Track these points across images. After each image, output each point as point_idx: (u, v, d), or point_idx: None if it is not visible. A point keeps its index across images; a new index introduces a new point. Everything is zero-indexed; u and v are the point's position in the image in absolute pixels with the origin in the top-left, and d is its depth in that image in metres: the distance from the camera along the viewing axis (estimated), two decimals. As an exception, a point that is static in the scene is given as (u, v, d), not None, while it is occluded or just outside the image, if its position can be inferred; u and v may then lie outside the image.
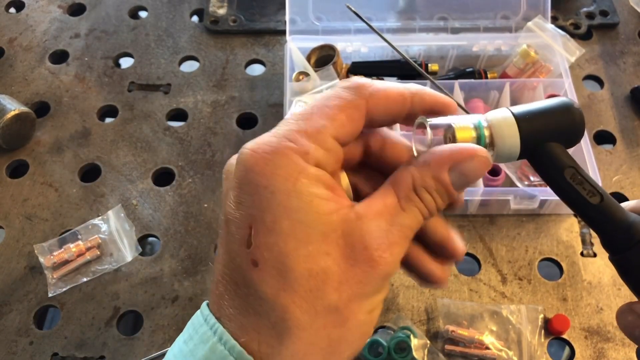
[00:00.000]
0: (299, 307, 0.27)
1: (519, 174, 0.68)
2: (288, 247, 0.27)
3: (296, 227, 0.27)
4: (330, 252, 0.28)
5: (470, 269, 0.67)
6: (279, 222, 0.27)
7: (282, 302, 0.27)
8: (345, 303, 0.28)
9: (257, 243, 0.28)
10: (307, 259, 0.27)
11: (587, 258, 0.67)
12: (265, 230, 0.28)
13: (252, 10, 0.89)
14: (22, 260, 0.68)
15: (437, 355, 0.60)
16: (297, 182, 0.28)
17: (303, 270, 0.27)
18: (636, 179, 0.73)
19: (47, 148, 0.77)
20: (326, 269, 0.28)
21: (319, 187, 0.28)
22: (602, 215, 0.32)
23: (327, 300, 0.28)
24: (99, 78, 0.84)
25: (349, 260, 0.28)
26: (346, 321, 0.28)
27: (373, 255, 0.28)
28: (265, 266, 0.28)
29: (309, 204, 0.28)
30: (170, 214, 0.71)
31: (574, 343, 0.61)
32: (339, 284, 0.28)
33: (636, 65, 0.82)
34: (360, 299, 0.29)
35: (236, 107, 0.80)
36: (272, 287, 0.28)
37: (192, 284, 0.66)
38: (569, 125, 0.32)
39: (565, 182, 0.32)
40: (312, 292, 0.28)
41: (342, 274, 0.28)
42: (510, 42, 0.77)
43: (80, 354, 0.62)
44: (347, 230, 0.28)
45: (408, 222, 0.29)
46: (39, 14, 0.91)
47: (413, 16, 0.80)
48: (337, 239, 0.28)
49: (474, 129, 0.31)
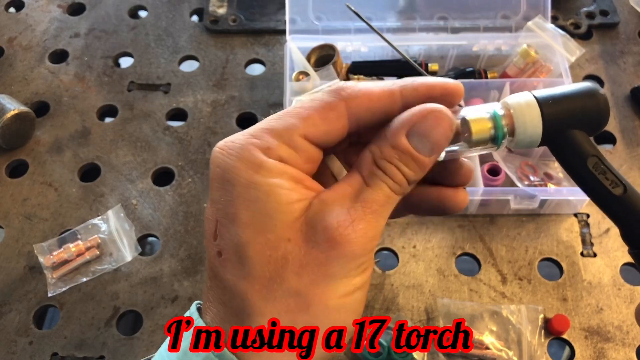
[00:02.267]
0: (258, 293, 0.28)
1: (519, 173, 0.68)
2: (247, 236, 0.28)
3: (255, 217, 0.28)
4: (291, 238, 0.28)
5: (470, 269, 0.67)
6: (239, 213, 0.28)
7: (242, 289, 0.28)
8: (307, 287, 0.28)
9: (221, 234, 0.29)
10: (265, 247, 0.28)
11: (587, 258, 0.67)
12: (227, 222, 0.28)
13: (252, 9, 0.89)
14: (21, 260, 0.68)
15: (437, 356, 0.60)
16: (256, 174, 0.28)
17: (261, 258, 0.28)
18: (636, 179, 0.73)
19: (46, 148, 0.77)
20: (286, 255, 0.28)
21: (279, 179, 0.28)
22: (625, 207, 0.30)
23: (286, 285, 0.28)
24: (99, 78, 0.84)
25: (309, 243, 0.28)
26: (310, 306, 0.28)
27: (333, 234, 0.27)
28: (227, 256, 0.28)
29: (268, 194, 0.28)
30: (170, 213, 0.71)
31: (574, 343, 0.61)
32: (299, 267, 0.28)
33: (636, 65, 0.82)
34: (326, 282, 0.28)
35: (236, 107, 0.80)
36: (233, 275, 0.28)
37: (191, 284, 0.66)
38: (593, 111, 0.30)
39: (588, 172, 0.30)
40: (272, 279, 0.28)
41: (303, 258, 0.28)
42: (510, 41, 0.77)
43: (79, 354, 0.62)
44: (309, 216, 0.28)
45: (373, 196, 0.29)
46: (38, 13, 0.91)
47: (413, 16, 0.80)
48: (300, 225, 0.28)
49: (489, 119, 0.30)
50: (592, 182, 0.30)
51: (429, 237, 0.69)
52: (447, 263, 0.67)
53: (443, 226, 0.69)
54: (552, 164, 0.72)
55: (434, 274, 0.66)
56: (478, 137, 0.30)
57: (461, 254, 0.68)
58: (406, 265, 0.67)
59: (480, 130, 0.30)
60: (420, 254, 0.67)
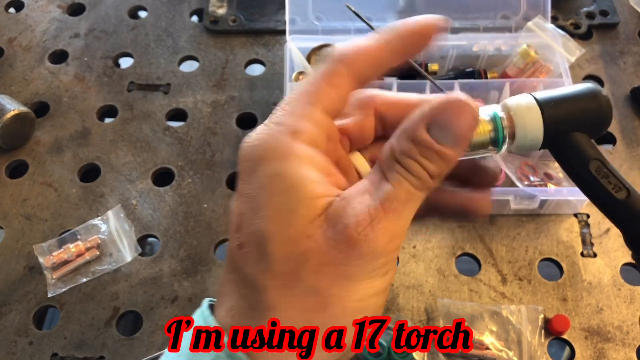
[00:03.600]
0: (276, 289, 0.27)
1: (519, 174, 0.68)
2: (269, 230, 0.27)
3: (278, 210, 0.27)
4: (312, 235, 0.27)
5: (470, 269, 0.67)
6: (263, 206, 0.27)
7: (261, 283, 0.27)
8: (326, 286, 0.27)
9: (243, 227, 0.28)
10: (287, 242, 0.27)
11: (587, 258, 0.67)
12: (251, 215, 0.28)
13: (252, 10, 0.89)
14: (21, 261, 0.68)
15: (437, 356, 0.60)
16: (284, 162, 0.27)
17: (282, 253, 0.27)
18: (636, 179, 0.72)
19: (46, 148, 0.77)
20: (306, 252, 0.27)
21: (309, 169, 0.28)
22: (628, 211, 0.29)
23: (305, 283, 0.27)
24: (99, 78, 0.84)
25: (329, 241, 0.27)
26: (327, 306, 0.27)
27: (352, 233, 0.26)
28: (249, 248, 0.28)
29: (295, 187, 0.27)
30: (170, 214, 0.71)
31: (574, 343, 0.61)
32: (318, 266, 0.27)
33: (636, 65, 0.82)
34: (345, 282, 0.27)
35: (236, 107, 0.80)
36: (253, 268, 0.28)
37: (191, 284, 0.66)
38: (595, 113, 0.30)
39: (590, 175, 0.29)
40: (291, 275, 0.27)
41: (322, 256, 0.27)
42: (510, 42, 0.77)
43: (79, 354, 0.62)
44: (330, 213, 0.27)
45: (394, 193, 0.27)
46: (38, 13, 0.91)
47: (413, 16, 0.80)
48: (320, 222, 0.27)
49: (489, 121, 0.30)
50: (594, 186, 0.30)
51: (429, 237, 0.69)
52: (447, 263, 0.67)
53: (443, 226, 0.69)
54: (552, 164, 0.72)
55: (434, 274, 0.66)
56: (477, 140, 0.30)
57: (461, 254, 0.68)
58: (406, 265, 0.67)
59: (479, 133, 0.29)
60: (420, 254, 0.67)
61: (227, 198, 0.72)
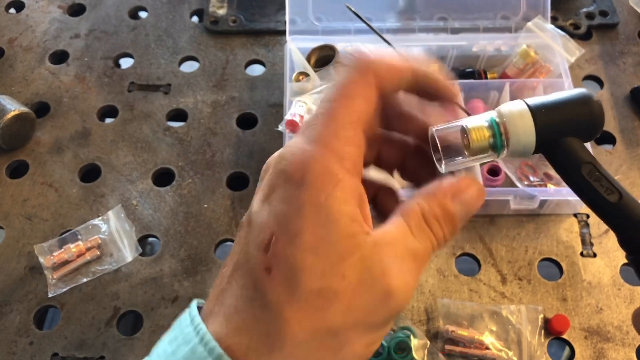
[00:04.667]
0: (300, 323, 0.27)
1: (519, 174, 0.69)
2: (305, 262, 0.27)
3: (317, 243, 0.27)
4: (345, 275, 0.27)
5: (470, 269, 0.67)
6: (302, 235, 0.27)
7: (285, 314, 0.27)
8: (347, 330, 0.27)
9: (275, 251, 0.27)
10: (320, 278, 0.27)
11: (587, 258, 0.67)
12: (286, 240, 0.27)
13: (252, 10, 0.89)
14: (22, 261, 0.68)
15: (437, 356, 0.60)
16: (330, 197, 0.27)
17: (313, 288, 0.27)
18: (636, 179, 0.73)
19: (47, 148, 0.77)
20: (337, 291, 0.27)
21: (349, 204, 0.28)
22: (620, 213, 0.30)
23: (329, 323, 0.27)
24: (99, 78, 0.84)
25: (364, 286, 0.27)
26: (342, 348, 0.27)
27: (390, 284, 0.27)
28: (278, 275, 0.27)
29: (336, 223, 0.27)
30: (170, 214, 0.71)
31: (574, 343, 0.61)
32: (347, 309, 0.27)
33: (636, 66, 0.82)
34: (364, 329, 0.28)
35: (236, 107, 0.80)
36: (279, 296, 0.27)
37: (192, 284, 0.66)
38: (587, 118, 0.30)
39: (583, 179, 0.30)
40: (317, 312, 0.27)
41: (353, 300, 0.27)
42: (510, 42, 0.77)
43: (80, 354, 0.62)
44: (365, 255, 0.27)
45: (421, 252, 0.29)
46: (39, 14, 0.91)
47: (413, 16, 0.80)
48: (354, 262, 0.27)
49: (487, 127, 0.30)
50: (587, 189, 0.30)
51: (429, 238, 0.69)
52: (447, 263, 0.67)
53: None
54: (551, 164, 0.72)
55: (434, 274, 0.66)
56: (477, 146, 0.30)
57: (461, 254, 0.68)
58: (406, 265, 0.67)
59: (479, 139, 0.30)
60: (420, 254, 0.67)
61: (227, 198, 0.72)
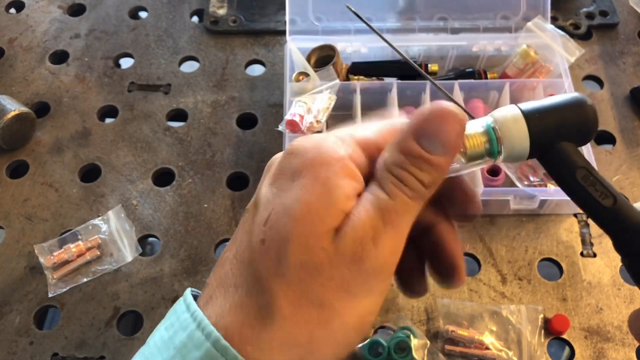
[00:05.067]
0: (286, 295, 0.27)
1: (519, 174, 0.69)
2: (294, 232, 0.27)
3: (309, 213, 0.27)
4: (325, 248, 0.27)
5: (470, 269, 0.67)
6: (296, 205, 0.27)
7: (273, 286, 0.27)
8: (330, 301, 0.28)
9: (271, 222, 0.28)
10: (305, 250, 0.27)
11: (587, 258, 0.67)
12: (282, 211, 0.28)
13: (252, 10, 0.89)
14: (22, 261, 0.68)
15: (437, 356, 0.60)
16: (330, 169, 0.28)
17: (297, 260, 0.27)
18: (636, 179, 0.73)
19: (47, 148, 0.77)
20: (318, 264, 0.27)
21: (348, 181, 0.28)
22: (615, 218, 0.30)
23: (313, 295, 0.27)
24: (99, 78, 0.84)
25: (339, 256, 0.27)
26: (330, 320, 0.28)
27: (356, 250, 0.27)
28: (269, 246, 0.28)
29: (330, 193, 0.27)
30: (170, 214, 0.71)
31: (573, 343, 0.61)
32: (326, 279, 0.27)
33: (636, 66, 0.82)
34: (348, 299, 0.28)
35: (236, 107, 0.80)
36: (268, 268, 0.28)
37: (192, 284, 0.66)
38: (581, 123, 0.30)
39: (577, 184, 0.30)
40: (301, 284, 0.27)
41: (330, 270, 0.27)
42: (510, 42, 0.77)
43: (80, 354, 0.62)
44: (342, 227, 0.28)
45: (394, 207, 0.28)
46: (39, 14, 0.91)
47: (413, 16, 0.80)
48: (333, 235, 0.28)
49: (483, 133, 0.30)
50: (581, 193, 0.30)
51: (429, 238, 0.69)
52: (447, 263, 0.67)
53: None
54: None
55: (434, 274, 0.66)
56: (473, 152, 0.30)
57: (461, 254, 0.68)
58: (406, 265, 0.67)
59: (475, 145, 0.30)
60: (420, 254, 0.68)
61: (227, 198, 0.72)
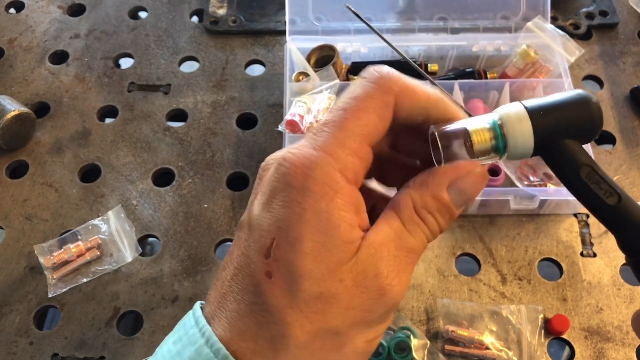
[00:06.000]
0: (301, 326, 0.28)
1: (519, 174, 0.69)
2: (305, 267, 0.27)
3: (318, 249, 0.27)
4: (343, 279, 0.28)
5: (470, 269, 0.67)
6: (302, 240, 0.27)
7: (287, 318, 0.28)
8: (346, 329, 0.28)
9: (276, 256, 0.28)
10: (319, 283, 0.27)
11: (587, 258, 0.67)
12: (287, 246, 0.27)
13: (252, 10, 0.89)
14: (22, 261, 0.68)
15: (437, 356, 0.60)
16: (331, 203, 0.27)
17: (313, 292, 0.27)
18: (636, 179, 0.73)
19: (47, 148, 0.77)
20: (336, 294, 0.28)
21: (349, 211, 0.28)
22: (620, 216, 0.30)
23: (330, 324, 0.28)
24: (99, 78, 0.84)
25: (359, 287, 0.28)
26: (343, 346, 0.29)
27: (383, 284, 0.28)
28: (279, 280, 0.28)
29: (335, 229, 0.27)
30: (170, 214, 0.71)
31: (573, 343, 0.61)
32: (345, 309, 0.28)
33: (636, 66, 0.82)
34: (363, 326, 0.29)
35: (236, 108, 0.80)
36: (280, 301, 0.28)
37: (192, 285, 0.66)
38: (586, 120, 0.30)
39: (581, 182, 0.30)
40: (317, 315, 0.28)
41: (350, 301, 0.28)
42: (509, 42, 0.77)
43: (80, 354, 0.62)
44: (360, 259, 0.28)
45: (415, 246, 0.29)
46: (38, 14, 0.91)
47: (413, 16, 0.80)
48: (351, 267, 0.28)
49: (489, 129, 0.30)
50: (585, 192, 0.30)
51: (428, 238, 0.69)
52: (447, 263, 0.67)
53: (443, 226, 0.69)
54: (551, 164, 0.72)
55: (434, 274, 0.66)
56: (480, 148, 0.30)
57: (461, 254, 0.68)
58: (406, 265, 0.67)
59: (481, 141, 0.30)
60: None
61: (227, 198, 0.72)
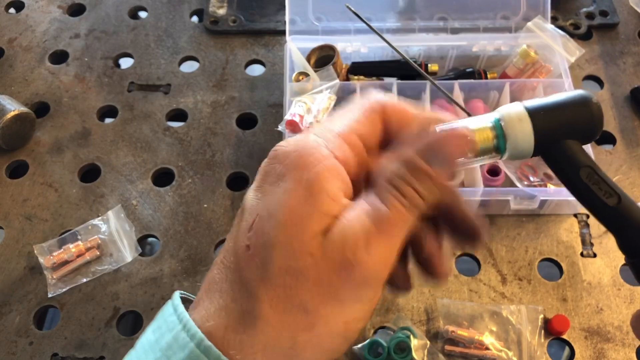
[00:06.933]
0: (270, 300, 0.27)
1: (519, 174, 0.68)
2: (277, 238, 0.27)
3: (292, 219, 0.27)
4: (312, 253, 0.27)
5: (470, 269, 0.67)
6: (280, 210, 0.27)
7: (257, 291, 0.27)
8: (316, 306, 0.27)
9: (255, 228, 0.28)
10: (289, 255, 0.27)
11: (587, 258, 0.67)
12: (266, 216, 0.28)
13: (252, 10, 0.89)
14: (21, 261, 0.68)
15: (437, 356, 0.60)
16: (313, 170, 0.28)
17: (282, 266, 0.27)
18: (636, 179, 0.73)
19: (47, 148, 0.77)
20: (303, 269, 0.27)
21: (333, 183, 0.28)
22: (619, 217, 0.30)
23: (297, 300, 0.27)
24: (99, 78, 0.84)
25: (328, 261, 0.27)
26: (314, 325, 0.28)
27: (349, 257, 0.27)
28: (254, 252, 0.28)
29: (315, 197, 0.27)
30: (170, 214, 0.71)
31: (574, 343, 0.61)
32: (313, 285, 0.27)
33: (636, 66, 0.82)
34: (335, 305, 0.28)
35: (236, 108, 0.80)
36: (253, 274, 0.28)
37: (191, 285, 0.66)
38: (586, 120, 0.30)
39: (581, 182, 0.30)
40: (286, 289, 0.27)
41: (318, 275, 0.27)
42: (510, 42, 0.77)
43: (80, 354, 0.62)
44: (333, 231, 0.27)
45: (391, 218, 0.27)
46: (38, 14, 0.91)
47: (413, 16, 0.80)
48: (322, 240, 0.27)
49: (492, 128, 0.30)
50: (586, 192, 0.30)
51: (428, 238, 0.69)
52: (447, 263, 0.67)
53: (443, 226, 0.69)
54: (551, 164, 0.72)
55: (434, 274, 0.66)
56: (482, 147, 0.30)
57: (461, 254, 0.68)
58: (406, 265, 0.67)
59: (484, 140, 0.30)
60: (420, 255, 0.67)
61: (227, 198, 0.72)
